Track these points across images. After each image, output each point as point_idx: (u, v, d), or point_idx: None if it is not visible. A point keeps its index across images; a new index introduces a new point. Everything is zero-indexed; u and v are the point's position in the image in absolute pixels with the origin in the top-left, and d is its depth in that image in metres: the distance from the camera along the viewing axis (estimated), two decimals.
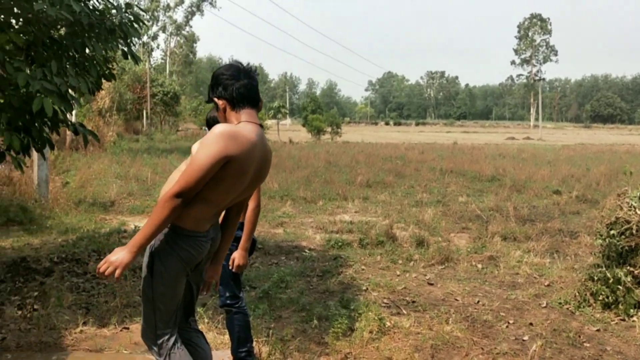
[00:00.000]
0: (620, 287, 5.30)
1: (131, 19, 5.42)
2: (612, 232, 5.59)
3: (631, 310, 5.24)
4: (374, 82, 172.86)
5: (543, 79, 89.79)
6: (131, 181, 14.28)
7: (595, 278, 5.53)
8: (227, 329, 3.87)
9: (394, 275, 6.62)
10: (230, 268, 3.62)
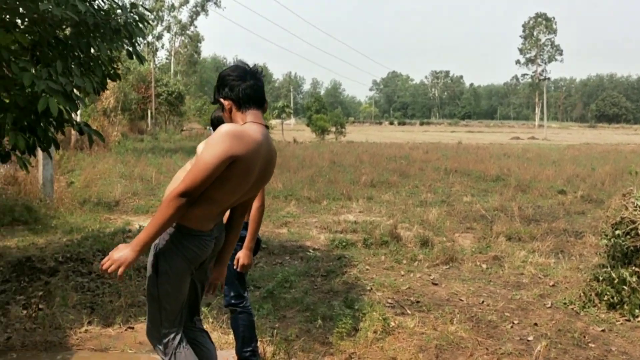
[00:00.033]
0: (625, 287, 5.29)
1: (136, 18, 5.44)
2: (617, 232, 5.57)
3: (636, 311, 5.22)
4: (379, 82, 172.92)
5: (548, 78, 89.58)
6: (136, 181, 14.31)
7: (601, 278, 5.51)
8: (232, 328, 3.88)
9: (398, 275, 6.61)
10: (235, 268, 3.62)
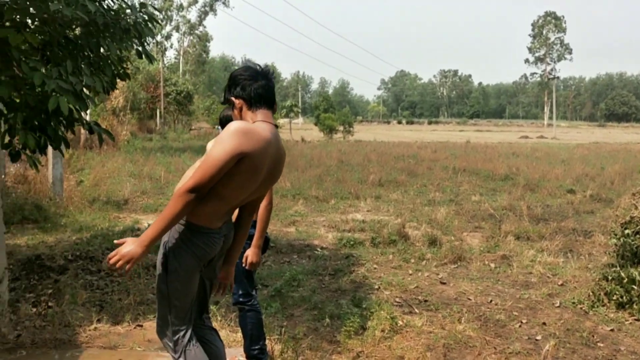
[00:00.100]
0: (634, 286, 5.26)
1: (145, 18, 5.46)
2: (626, 231, 5.55)
3: None
4: (387, 81, 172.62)
5: (557, 77, 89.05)
6: (144, 180, 14.37)
7: (610, 277, 5.49)
8: (240, 326, 3.89)
9: (406, 274, 6.61)
10: (244, 266, 3.63)
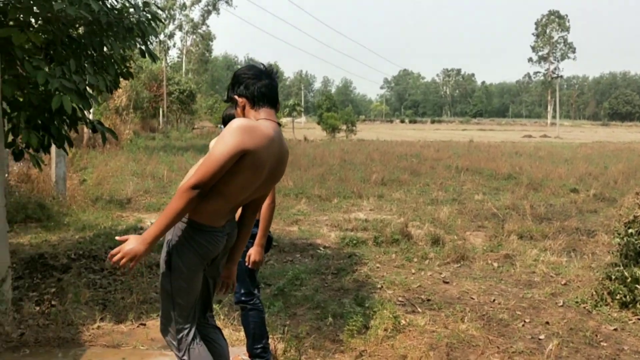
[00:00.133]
0: (638, 286, 5.25)
1: (149, 17, 5.46)
2: (630, 230, 5.54)
3: None
4: (390, 80, 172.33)
5: (561, 76, 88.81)
6: (147, 179, 14.39)
7: (613, 277, 5.48)
8: (242, 325, 3.89)
9: (409, 273, 6.61)
10: (247, 264, 3.63)
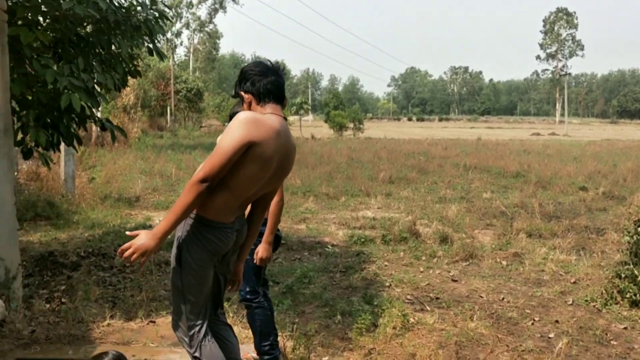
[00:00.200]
0: None
1: (156, 15, 5.48)
2: (639, 229, 5.50)
3: None
4: (397, 78, 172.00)
5: (569, 73, 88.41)
6: (156, 177, 14.43)
7: (623, 275, 5.45)
8: (249, 323, 3.88)
9: (417, 271, 6.60)
10: (254, 262, 3.63)
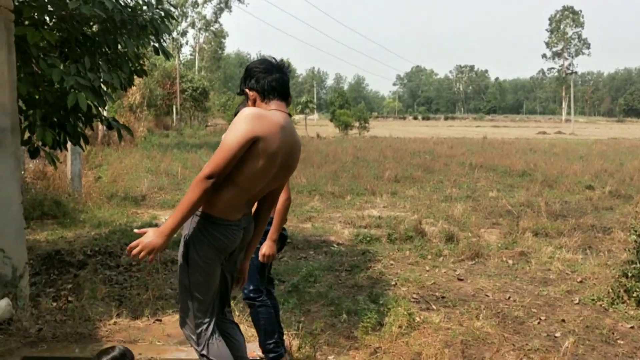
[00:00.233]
0: None
1: (162, 15, 5.49)
2: None
3: None
4: (402, 77, 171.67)
5: (575, 72, 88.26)
6: (162, 176, 14.47)
7: (629, 274, 5.43)
8: (253, 322, 3.88)
9: (423, 270, 6.59)
10: (258, 259, 3.63)
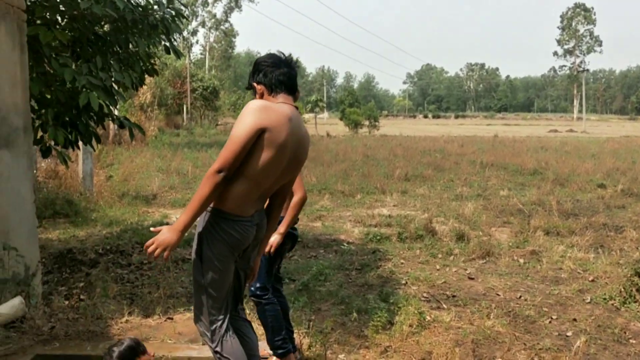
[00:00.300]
0: None
1: (173, 14, 5.51)
2: None
3: None
4: (413, 75, 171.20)
5: (587, 70, 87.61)
6: (172, 175, 14.54)
7: None
8: (260, 320, 3.87)
9: (433, 269, 6.57)
10: (265, 254, 3.62)
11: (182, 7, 6.11)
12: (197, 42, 64.57)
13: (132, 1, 5.36)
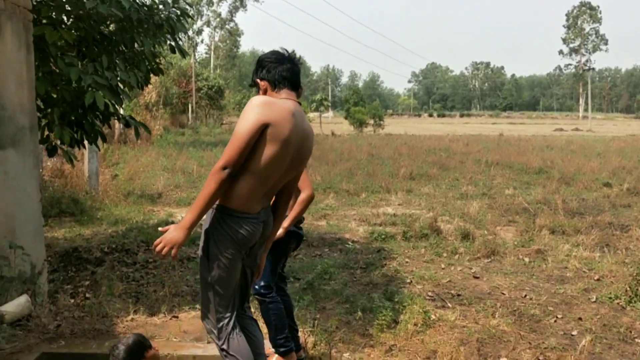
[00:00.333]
0: None
1: (178, 13, 5.52)
2: None
3: None
4: (418, 74, 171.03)
5: (592, 68, 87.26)
6: (177, 174, 14.57)
7: None
8: (263, 318, 3.88)
9: (438, 268, 6.57)
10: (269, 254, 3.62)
11: (187, 7, 6.12)
12: (202, 41, 64.79)
13: (138, 1, 5.38)
